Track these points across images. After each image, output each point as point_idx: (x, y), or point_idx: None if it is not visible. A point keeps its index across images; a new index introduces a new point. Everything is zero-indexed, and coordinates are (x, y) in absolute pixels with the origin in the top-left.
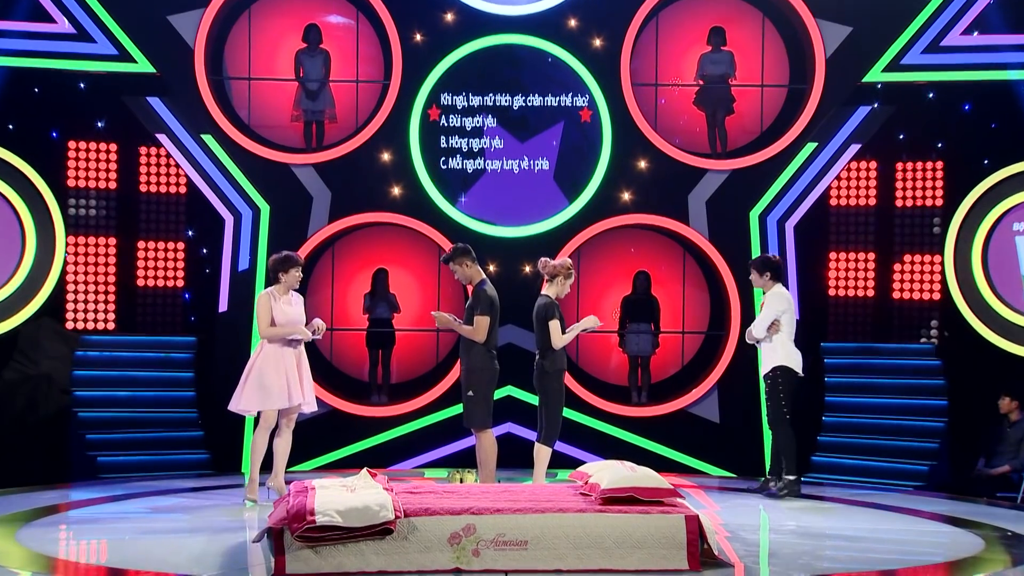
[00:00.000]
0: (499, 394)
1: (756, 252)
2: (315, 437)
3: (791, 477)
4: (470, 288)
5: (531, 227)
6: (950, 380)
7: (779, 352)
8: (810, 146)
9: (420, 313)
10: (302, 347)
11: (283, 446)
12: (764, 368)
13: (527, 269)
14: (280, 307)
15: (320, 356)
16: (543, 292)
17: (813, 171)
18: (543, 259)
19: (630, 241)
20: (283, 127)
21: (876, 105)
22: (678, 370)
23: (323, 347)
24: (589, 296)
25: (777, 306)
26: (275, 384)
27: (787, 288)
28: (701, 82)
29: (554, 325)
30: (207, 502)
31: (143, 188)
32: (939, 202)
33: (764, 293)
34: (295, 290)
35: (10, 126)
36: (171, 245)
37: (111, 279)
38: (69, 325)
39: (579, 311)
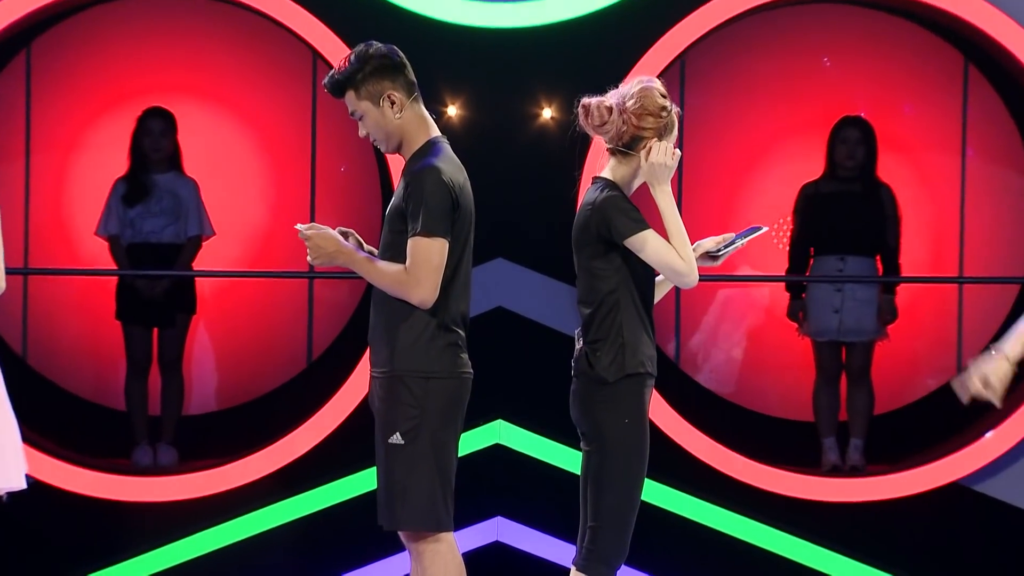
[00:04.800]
0: (472, 442)
1: None
2: None
3: None
4: (394, 161)
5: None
6: None
7: None
8: None
9: (265, 232)
10: None
11: None
12: None
13: (546, 114)
14: None
15: None
16: (598, 176)
17: None
18: (585, 100)
19: (818, 43)
20: None
21: None
22: (948, 379)
23: (5, 327)
24: (706, 184)
25: None
26: None
27: None
28: None
29: (649, 242)
30: None
31: None
32: None
33: None
34: None
35: None
36: None
37: None
38: None
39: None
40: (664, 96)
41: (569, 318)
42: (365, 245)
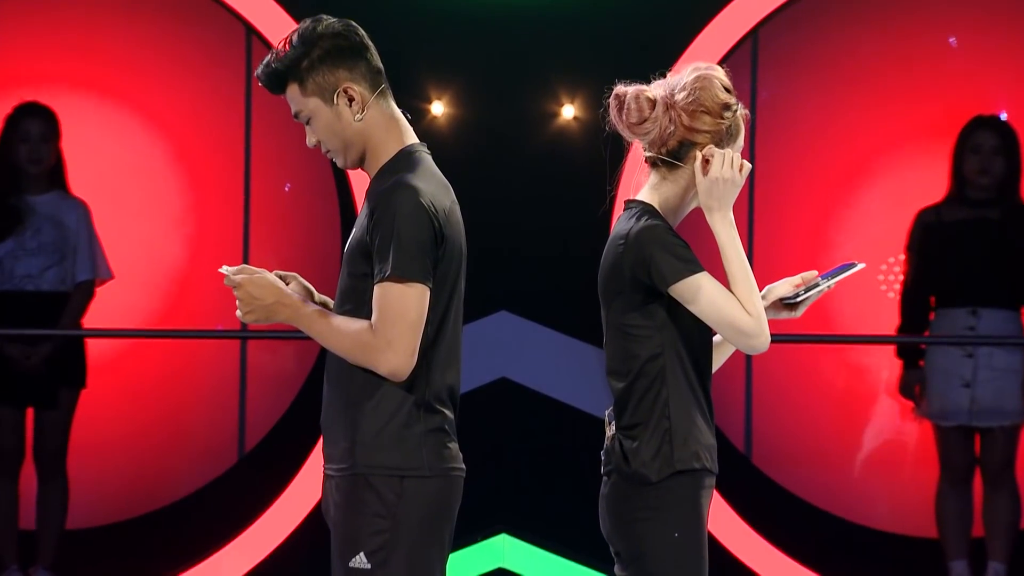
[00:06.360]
0: (466, 564)
1: None
2: None
3: None
4: (356, 178)
5: None
6: None
7: None
8: None
9: (181, 276)
10: None
11: None
12: None
13: (566, 113)
14: None
15: None
16: (633, 199)
17: None
18: (619, 89)
19: (942, 18)
20: None
21: None
22: None
23: None
24: (785, 208)
25: None
26: None
27: None
28: None
29: (704, 290)
30: None
31: None
32: None
33: None
34: None
35: None
36: None
37: None
38: None
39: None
40: (728, 90)
41: (596, 393)
42: (316, 294)
